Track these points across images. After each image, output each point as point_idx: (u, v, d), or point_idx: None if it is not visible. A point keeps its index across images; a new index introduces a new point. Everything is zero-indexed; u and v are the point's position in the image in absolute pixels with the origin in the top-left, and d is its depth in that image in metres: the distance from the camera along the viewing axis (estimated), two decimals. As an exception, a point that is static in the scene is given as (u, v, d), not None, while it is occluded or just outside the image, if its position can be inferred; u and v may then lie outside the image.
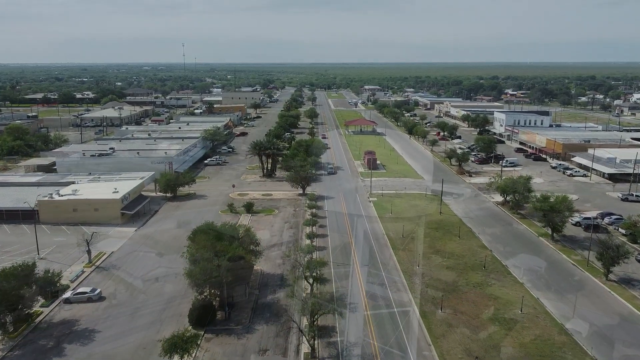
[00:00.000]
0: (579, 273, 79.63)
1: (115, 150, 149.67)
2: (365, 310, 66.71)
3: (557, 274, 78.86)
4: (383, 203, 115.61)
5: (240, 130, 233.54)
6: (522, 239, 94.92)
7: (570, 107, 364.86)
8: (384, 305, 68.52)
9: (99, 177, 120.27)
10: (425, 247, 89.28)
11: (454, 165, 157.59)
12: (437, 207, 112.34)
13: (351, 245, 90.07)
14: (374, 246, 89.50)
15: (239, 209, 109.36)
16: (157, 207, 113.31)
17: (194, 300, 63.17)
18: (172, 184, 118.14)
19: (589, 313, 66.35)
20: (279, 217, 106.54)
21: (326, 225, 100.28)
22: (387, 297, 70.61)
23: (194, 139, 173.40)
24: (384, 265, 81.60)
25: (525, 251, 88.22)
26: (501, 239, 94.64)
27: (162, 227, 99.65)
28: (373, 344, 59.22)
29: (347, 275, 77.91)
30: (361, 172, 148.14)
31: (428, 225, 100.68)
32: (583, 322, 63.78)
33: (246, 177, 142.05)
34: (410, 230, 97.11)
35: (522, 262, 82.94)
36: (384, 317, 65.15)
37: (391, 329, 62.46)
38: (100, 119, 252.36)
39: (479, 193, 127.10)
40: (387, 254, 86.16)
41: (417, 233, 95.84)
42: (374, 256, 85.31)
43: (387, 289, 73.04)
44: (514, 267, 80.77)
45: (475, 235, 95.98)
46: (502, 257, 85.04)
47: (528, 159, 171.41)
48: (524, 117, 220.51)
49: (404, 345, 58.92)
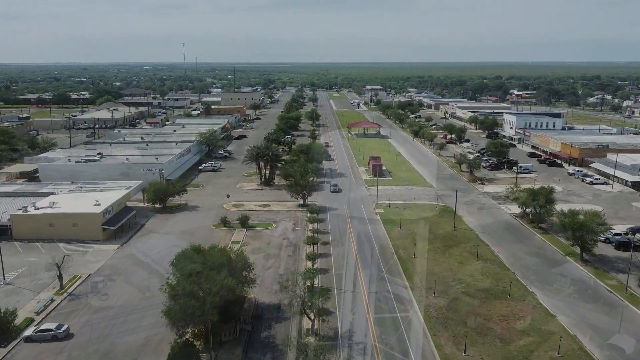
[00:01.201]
0: (618, 302, 69.84)
1: (103, 156, 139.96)
2: (376, 355, 56.96)
3: (594, 303, 69.08)
4: (391, 215, 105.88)
5: (239, 133, 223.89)
6: (547, 258, 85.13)
7: (579, 108, 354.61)
8: (396, 346, 58.81)
9: (81, 187, 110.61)
10: (440, 268, 79.60)
11: (464, 172, 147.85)
12: (450, 221, 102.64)
13: (357, 266, 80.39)
14: (383, 268, 79.74)
15: (233, 222, 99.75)
16: (144, 220, 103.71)
17: (173, 344, 53.44)
18: (161, 194, 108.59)
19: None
20: (276, 232, 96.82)
21: (329, 243, 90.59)
22: (400, 335, 60.92)
23: (189, 143, 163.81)
24: (395, 292, 71.94)
25: (552, 275, 78.41)
26: (524, 258, 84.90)
27: (147, 244, 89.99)
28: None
29: (354, 304, 68.32)
30: (366, 180, 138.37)
31: (442, 242, 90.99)
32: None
33: (242, 185, 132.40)
34: (423, 249, 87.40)
35: (551, 289, 73.24)
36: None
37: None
38: (93, 121, 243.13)
39: (494, 203, 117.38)
40: (398, 278, 76.45)
41: (430, 252, 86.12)
42: (383, 279, 75.66)
43: (399, 324, 63.37)
44: (543, 296, 70.97)
45: (495, 254, 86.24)
46: (527, 282, 75.30)
47: (542, 164, 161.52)
48: (535, 120, 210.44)
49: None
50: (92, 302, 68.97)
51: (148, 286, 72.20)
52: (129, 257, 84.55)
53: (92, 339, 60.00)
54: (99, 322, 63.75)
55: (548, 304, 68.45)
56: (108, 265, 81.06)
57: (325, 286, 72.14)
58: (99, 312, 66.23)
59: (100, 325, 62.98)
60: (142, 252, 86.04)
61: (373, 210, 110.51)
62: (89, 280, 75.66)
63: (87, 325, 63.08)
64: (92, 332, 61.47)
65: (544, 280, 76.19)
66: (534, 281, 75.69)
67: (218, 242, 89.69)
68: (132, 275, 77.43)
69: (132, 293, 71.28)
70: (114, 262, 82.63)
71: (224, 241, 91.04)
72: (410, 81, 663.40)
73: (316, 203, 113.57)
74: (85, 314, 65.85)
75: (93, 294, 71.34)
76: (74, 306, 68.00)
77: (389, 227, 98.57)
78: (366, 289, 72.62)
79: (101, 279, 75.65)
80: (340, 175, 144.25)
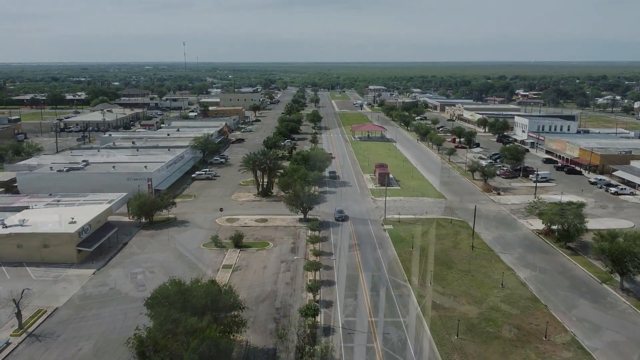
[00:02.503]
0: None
1: (88, 164, 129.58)
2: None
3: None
4: (401, 233, 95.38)
5: (237, 136, 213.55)
6: (581, 287, 74.53)
7: (589, 110, 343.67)
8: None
9: (58, 200, 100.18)
10: (462, 300, 69.17)
11: (477, 180, 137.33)
12: (467, 239, 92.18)
13: (366, 298, 69.94)
14: (396, 302, 69.25)
15: (226, 241, 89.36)
16: (127, 238, 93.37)
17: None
18: (147, 208, 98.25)
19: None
20: (274, 253, 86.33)
21: (332, 267, 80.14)
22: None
23: (182, 148, 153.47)
24: (410, 332, 61.49)
25: (591, 308, 67.91)
26: (555, 286, 74.37)
27: (127, 269, 79.60)
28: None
29: (363, 348, 57.92)
30: (372, 190, 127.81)
31: (461, 266, 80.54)
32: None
33: (238, 196, 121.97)
34: (440, 274, 76.99)
35: (591, 327, 62.72)
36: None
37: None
38: (85, 123, 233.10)
39: (513, 217, 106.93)
40: (413, 314, 66.02)
41: (448, 280, 75.67)
42: (395, 314, 65.27)
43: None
44: (585, 339, 60.40)
45: (521, 281, 75.74)
46: (564, 319, 64.77)
47: (560, 171, 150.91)
48: (548, 122, 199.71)
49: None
50: (56, 346, 58.60)
51: (122, 327, 61.73)
52: (105, 285, 74.14)
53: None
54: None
55: (593, 351, 57.87)
56: (80, 296, 70.68)
57: (329, 325, 61.93)
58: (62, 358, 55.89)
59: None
60: (120, 280, 75.63)
61: (381, 226, 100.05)
62: (55, 315, 65.31)
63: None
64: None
65: (582, 316, 65.60)
66: (571, 318, 65.15)
67: (207, 268, 79.48)
68: (108, 306, 67.04)
69: (105, 331, 60.87)
70: (88, 291, 72.26)
71: (214, 265, 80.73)
72: (413, 81, 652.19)
73: (318, 217, 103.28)
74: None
75: (57, 334, 60.96)
76: (33, 351, 57.66)
77: (400, 247, 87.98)
78: (377, 328, 62.19)
79: (68, 317, 65.25)
80: (344, 184, 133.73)
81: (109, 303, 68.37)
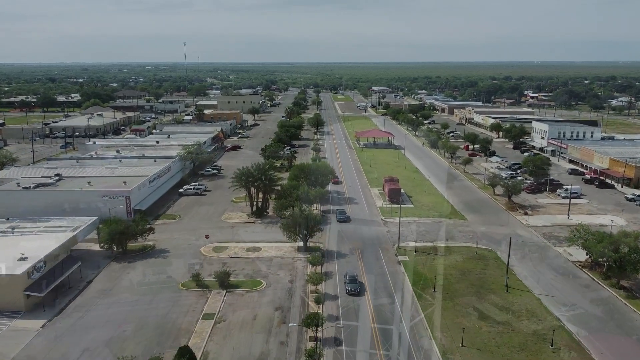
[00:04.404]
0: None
1: (61, 178, 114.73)
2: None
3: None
4: (419, 267, 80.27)
5: (233, 143, 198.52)
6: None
7: (604, 112, 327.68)
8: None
9: (13, 227, 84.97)
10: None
11: (499, 196, 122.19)
12: (498, 275, 77.08)
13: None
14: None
15: (210, 280, 74.39)
16: (93, 273, 78.44)
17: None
18: (119, 237, 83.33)
19: None
20: (266, 296, 71.19)
21: (338, 316, 65.11)
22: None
23: (170, 159, 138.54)
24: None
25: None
26: (618, 348, 59.27)
27: (84, 321, 64.56)
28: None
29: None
30: (381, 208, 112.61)
31: (495, 315, 65.47)
32: None
33: (229, 216, 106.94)
34: (472, 329, 61.89)
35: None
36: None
37: None
38: (72, 128, 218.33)
39: (547, 244, 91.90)
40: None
41: (483, 336, 60.54)
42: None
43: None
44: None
45: (574, 339, 60.61)
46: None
47: (589, 184, 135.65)
48: (569, 128, 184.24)
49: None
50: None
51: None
52: (56, 345, 59.17)
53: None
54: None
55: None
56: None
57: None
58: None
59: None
60: (73, 337, 60.63)
61: (395, 257, 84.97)
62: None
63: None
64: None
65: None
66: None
67: (183, 318, 64.46)
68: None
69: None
70: (31, 353, 57.36)
71: (192, 314, 65.75)
72: (417, 82, 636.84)
73: (320, 245, 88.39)
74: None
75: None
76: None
77: (420, 289, 72.72)
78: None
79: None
80: (350, 201, 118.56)
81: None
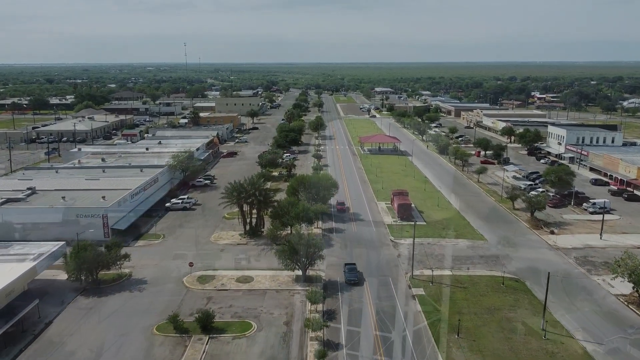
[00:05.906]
0: None
1: (34, 192, 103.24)
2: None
3: None
4: (436, 303, 68.45)
5: (229, 149, 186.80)
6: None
7: (616, 115, 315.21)
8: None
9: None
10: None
11: (518, 210, 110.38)
12: (532, 315, 65.21)
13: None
14: None
15: (190, 322, 62.63)
16: (55, 312, 66.79)
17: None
18: (87, 266, 71.66)
19: None
20: (256, 345, 59.31)
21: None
22: None
23: (158, 168, 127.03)
24: None
25: None
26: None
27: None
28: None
29: None
30: (389, 226, 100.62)
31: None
32: None
33: (220, 236, 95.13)
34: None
35: None
36: None
37: None
38: (60, 133, 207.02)
39: (582, 272, 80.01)
40: None
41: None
42: None
43: None
44: None
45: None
46: None
47: (616, 197, 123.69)
48: (589, 133, 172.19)
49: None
50: None
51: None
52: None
53: None
54: None
55: None
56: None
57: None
58: None
59: None
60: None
61: (408, 288, 73.18)
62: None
63: None
64: None
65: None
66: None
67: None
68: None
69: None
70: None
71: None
72: (420, 82, 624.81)
73: (321, 275, 76.69)
74: None
75: None
76: None
77: (439, 334, 60.85)
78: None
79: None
80: (355, 217, 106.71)
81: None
